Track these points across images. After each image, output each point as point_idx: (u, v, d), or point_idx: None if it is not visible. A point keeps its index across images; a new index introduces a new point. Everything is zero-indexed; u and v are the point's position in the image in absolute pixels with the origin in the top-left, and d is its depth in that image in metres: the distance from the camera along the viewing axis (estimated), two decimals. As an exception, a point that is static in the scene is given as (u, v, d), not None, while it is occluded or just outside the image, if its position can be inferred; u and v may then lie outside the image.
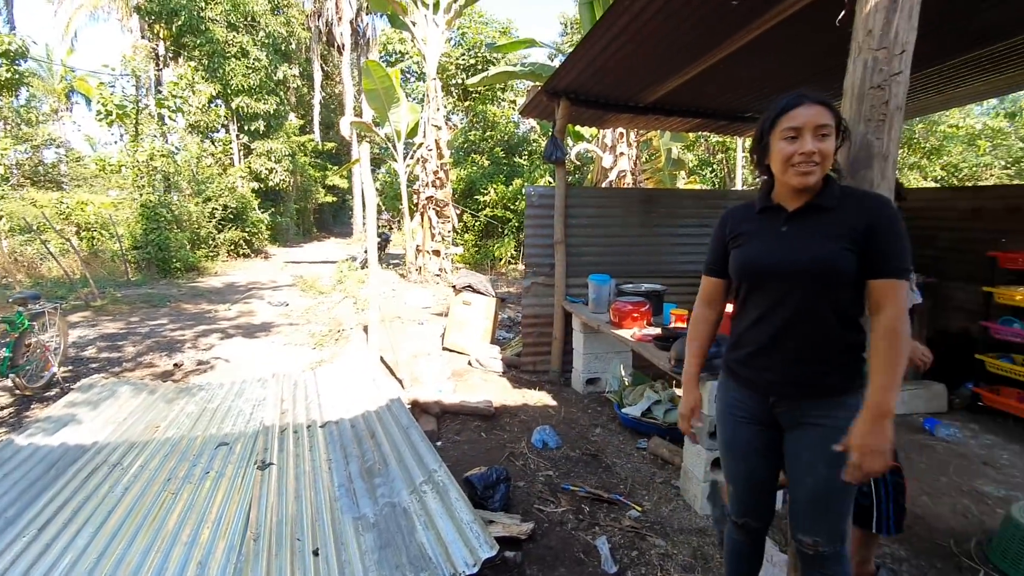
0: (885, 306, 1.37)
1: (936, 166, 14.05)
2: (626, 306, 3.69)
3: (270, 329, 7.02)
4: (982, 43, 3.31)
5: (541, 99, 4.56)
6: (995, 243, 4.25)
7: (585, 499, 2.80)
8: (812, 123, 1.38)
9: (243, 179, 17.07)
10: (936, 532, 2.61)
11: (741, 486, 1.69)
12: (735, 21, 3.00)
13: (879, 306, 1.39)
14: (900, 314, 1.35)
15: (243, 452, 3.17)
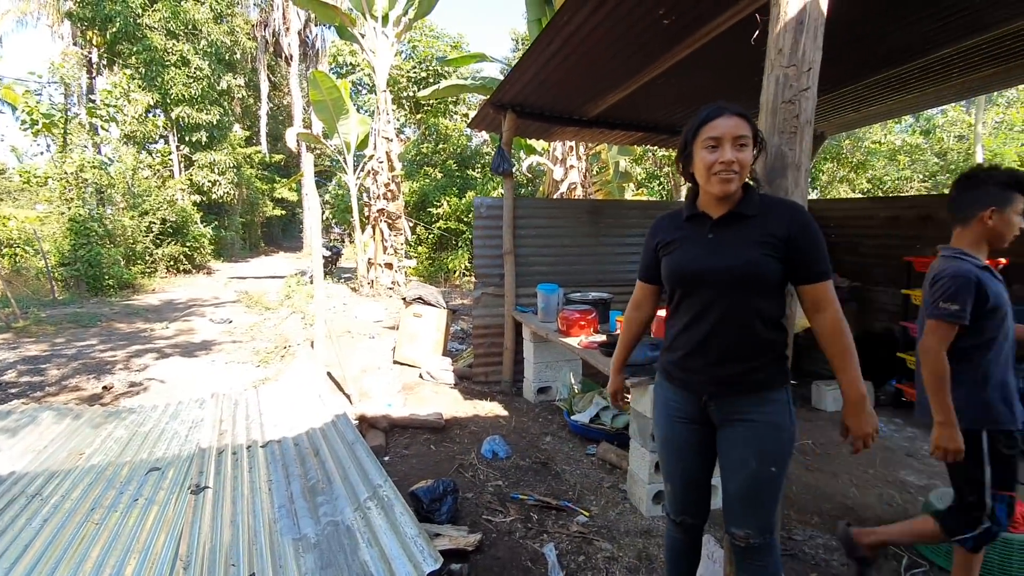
0: (824, 307, 1.50)
1: (863, 179, 15.05)
2: (573, 314, 3.75)
3: (211, 347, 6.72)
4: (888, 65, 3.60)
5: (488, 111, 4.62)
6: (911, 249, 4.59)
7: (534, 507, 2.80)
8: (731, 134, 1.46)
9: (184, 192, 16.38)
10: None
11: (678, 484, 1.74)
12: (666, 40, 3.14)
13: (818, 308, 1.51)
14: (839, 311, 1.50)
15: (176, 477, 3.01)
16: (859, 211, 5.32)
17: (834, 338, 1.50)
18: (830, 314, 1.49)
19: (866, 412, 1.50)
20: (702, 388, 1.60)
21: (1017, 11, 2.84)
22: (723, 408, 1.58)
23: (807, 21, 1.68)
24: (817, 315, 1.51)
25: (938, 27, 3.03)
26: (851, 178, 14.92)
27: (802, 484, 3.15)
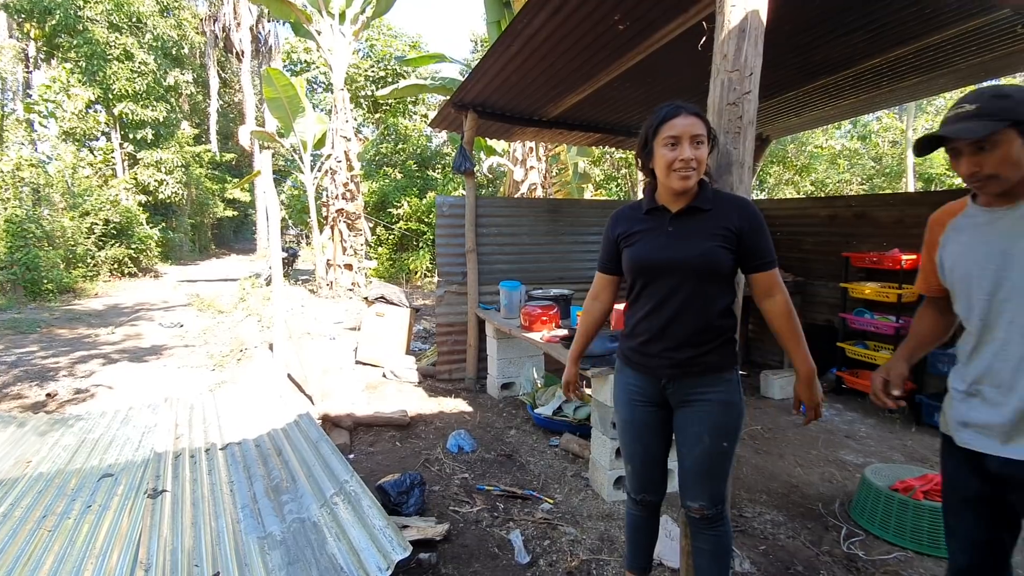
0: (774, 292, 1.65)
1: (807, 181, 15.86)
2: (536, 310, 3.83)
3: (162, 352, 6.48)
4: (825, 73, 3.85)
5: (449, 111, 4.66)
6: (848, 245, 4.91)
7: (500, 497, 2.87)
8: (689, 132, 1.57)
9: (128, 191, 15.62)
10: (808, 498, 2.95)
11: (639, 463, 1.84)
12: (621, 45, 3.27)
13: (769, 293, 1.66)
14: (787, 295, 1.66)
15: (131, 482, 2.92)
16: (801, 210, 5.64)
17: (784, 319, 1.64)
18: (780, 298, 1.64)
19: (815, 384, 1.67)
20: (661, 372, 1.70)
21: (934, 26, 3.10)
22: (680, 390, 1.69)
23: (748, 29, 1.81)
24: (768, 299, 1.65)
25: (867, 39, 3.28)
26: (796, 180, 15.70)
27: (752, 466, 3.34)
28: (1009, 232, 1.30)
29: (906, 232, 4.49)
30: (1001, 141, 1.23)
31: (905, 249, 4.31)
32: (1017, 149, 1.23)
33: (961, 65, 3.68)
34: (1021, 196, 1.28)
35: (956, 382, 1.45)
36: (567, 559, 2.33)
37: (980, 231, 1.35)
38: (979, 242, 1.35)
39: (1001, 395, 1.30)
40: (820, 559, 2.39)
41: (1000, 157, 1.23)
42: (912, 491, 2.53)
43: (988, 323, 1.34)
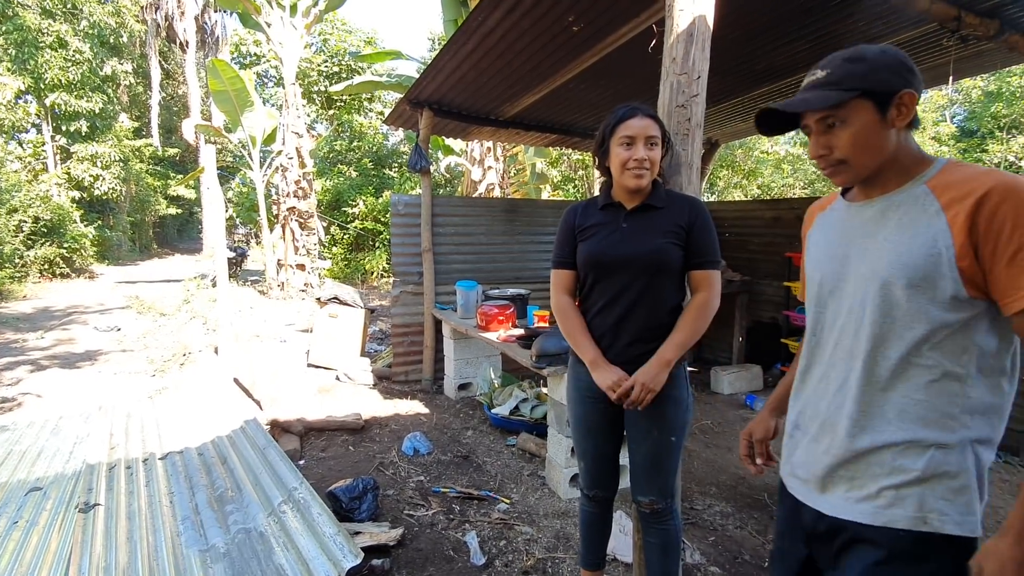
0: (702, 289, 1.68)
1: (754, 185, 16.52)
2: (492, 309, 3.82)
3: (96, 358, 6.09)
4: (769, 80, 4.01)
5: (405, 108, 4.59)
6: (791, 246, 5.13)
7: (456, 499, 2.84)
8: (643, 133, 1.61)
9: (60, 187, 14.64)
10: (755, 488, 3.06)
11: (591, 459, 1.85)
12: (576, 47, 3.30)
13: (697, 289, 1.69)
14: (712, 296, 1.66)
15: (61, 496, 2.72)
16: (748, 212, 5.86)
17: (691, 309, 1.66)
18: (703, 295, 1.66)
19: (659, 371, 1.58)
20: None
21: (868, 37, 3.28)
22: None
23: (696, 34, 1.86)
24: (695, 294, 1.70)
25: (808, 48, 3.44)
26: (744, 184, 16.32)
27: (702, 459, 3.44)
28: (855, 233, 1.06)
29: (844, 233, 4.73)
30: (850, 117, 0.98)
31: (843, 249, 4.53)
32: (870, 127, 0.97)
33: (892, 76, 3.90)
34: (885, 189, 1.02)
35: (789, 413, 1.20)
36: (523, 558, 2.33)
37: (834, 230, 1.12)
38: (828, 243, 1.13)
39: (821, 434, 1.07)
40: (766, 547, 2.47)
41: (849, 137, 0.98)
42: (849, 479, 2.66)
43: (819, 342, 1.11)
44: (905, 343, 0.96)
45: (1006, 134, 14.75)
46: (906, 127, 1.00)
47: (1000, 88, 14.86)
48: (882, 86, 0.96)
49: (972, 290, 0.91)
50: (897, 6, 2.72)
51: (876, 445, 0.98)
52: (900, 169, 1.00)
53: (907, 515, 0.94)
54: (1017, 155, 14.04)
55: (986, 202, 0.88)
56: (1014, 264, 0.87)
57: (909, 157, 1.01)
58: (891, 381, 0.97)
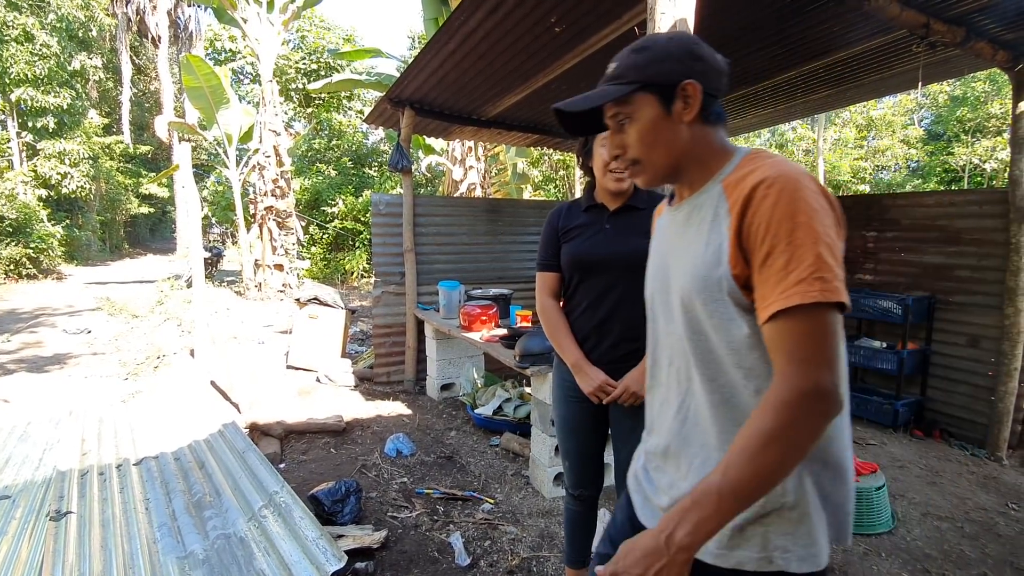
0: None
1: (730, 186, 16.75)
2: (475, 310, 3.81)
3: (65, 361, 5.91)
4: (746, 83, 4.09)
5: (386, 107, 4.55)
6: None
7: (440, 500, 2.83)
8: None
9: (26, 185, 14.16)
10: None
11: (576, 458, 1.87)
12: (558, 47, 3.32)
13: None
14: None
15: (31, 504, 2.64)
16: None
17: None
18: None
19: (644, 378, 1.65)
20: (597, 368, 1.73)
21: (841, 43, 3.37)
22: None
23: (677, 37, 1.88)
24: None
25: (783, 52, 3.51)
26: (721, 184, 16.57)
27: (684, 457, 3.48)
28: (672, 242, 0.97)
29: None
30: (636, 112, 0.90)
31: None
32: (655, 123, 0.89)
33: (865, 80, 4.01)
34: (691, 190, 0.93)
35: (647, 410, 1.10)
36: (508, 558, 2.33)
37: (659, 238, 1.05)
38: (655, 253, 1.06)
39: (664, 463, 0.98)
40: (746, 542, 2.52)
41: (636, 134, 0.91)
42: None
43: (655, 361, 1.03)
44: (716, 363, 0.86)
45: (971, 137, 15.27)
46: (703, 121, 0.90)
47: (965, 93, 15.37)
48: (662, 77, 0.87)
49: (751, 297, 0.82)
50: (869, 13, 2.80)
51: None
52: (701, 166, 0.91)
53: (753, 556, 0.85)
54: (981, 157, 14.55)
55: (751, 201, 0.78)
56: (764, 269, 0.77)
57: (709, 152, 0.91)
58: (717, 406, 0.87)
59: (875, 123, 16.75)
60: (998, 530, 2.63)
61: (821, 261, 0.73)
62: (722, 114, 0.93)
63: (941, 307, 3.95)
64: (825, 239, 0.74)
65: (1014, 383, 3.50)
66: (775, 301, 0.74)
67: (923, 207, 4.09)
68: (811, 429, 0.72)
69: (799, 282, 0.72)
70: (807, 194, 0.76)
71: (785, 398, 0.72)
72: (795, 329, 0.74)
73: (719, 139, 0.92)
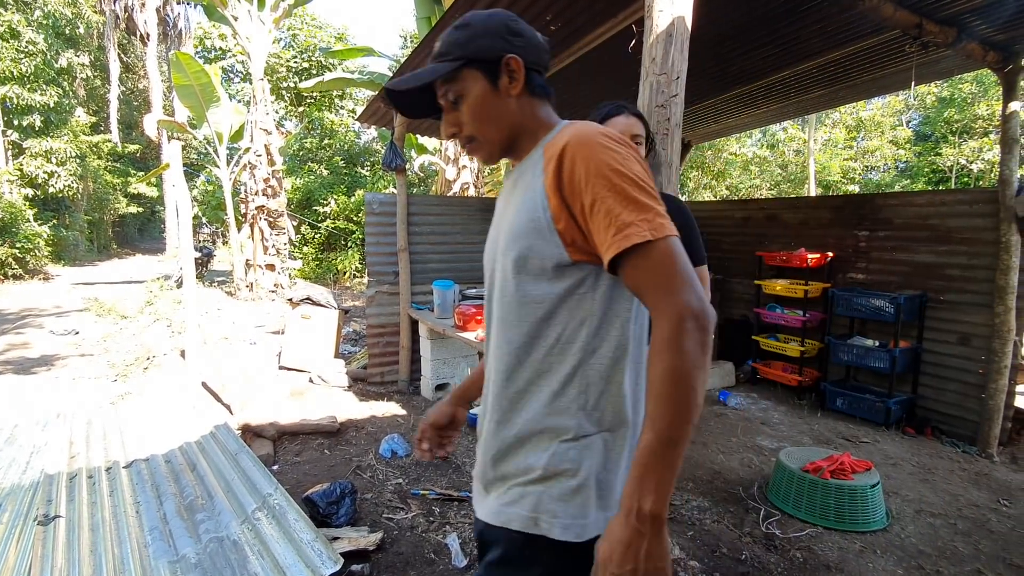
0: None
1: (723, 186, 16.89)
2: (470, 309, 3.80)
3: (53, 363, 5.82)
4: (740, 83, 4.10)
5: (379, 105, 4.52)
6: (760, 244, 5.26)
7: (436, 501, 2.81)
8: (629, 132, 1.61)
9: (12, 184, 13.95)
10: (730, 483, 3.12)
11: None
12: (554, 46, 3.30)
13: None
14: (706, 291, 1.67)
15: (17, 509, 2.59)
16: (719, 212, 5.98)
17: None
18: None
19: None
20: None
21: (835, 43, 3.38)
22: None
23: (675, 35, 1.88)
24: None
25: (777, 52, 3.53)
26: (713, 185, 16.67)
27: (679, 456, 3.48)
28: (501, 211, 1.00)
29: (809, 233, 4.88)
30: (464, 89, 0.91)
31: (810, 248, 4.67)
32: (484, 98, 0.90)
33: (858, 80, 4.04)
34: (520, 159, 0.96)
35: None
36: (505, 559, 2.32)
37: (496, 210, 1.05)
38: (492, 224, 1.05)
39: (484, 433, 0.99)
40: (743, 540, 2.52)
41: (468, 111, 0.92)
42: (820, 471, 2.74)
43: (489, 333, 1.00)
44: (526, 323, 0.88)
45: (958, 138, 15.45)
46: (530, 94, 0.93)
47: (952, 94, 15.54)
48: (484, 52, 0.89)
49: (576, 253, 0.85)
50: (863, 13, 2.81)
51: (511, 441, 0.90)
52: (531, 138, 0.94)
53: (522, 514, 0.87)
54: (969, 158, 14.72)
55: (564, 158, 0.82)
56: (595, 216, 0.80)
57: (537, 124, 0.95)
58: (518, 368, 0.90)
59: (864, 124, 16.89)
60: (990, 526, 2.65)
61: (640, 203, 0.78)
62: (547, 88, 0.96)
63: (932, 305, 3.99)
64: (639, 182, 0.79)
65: (1004, 381, 3.53)
66: (611, 245, 0.78)
67: (914, 206, 4.12)
68: (701, 345, 0.75)
69: (628, 225, 0.77)
70: (612, 144, 0.81)
71: (668, 332, 0.74)
72: (644, 266, 0.77)
73: (546, 112, 0.96)
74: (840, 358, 4.31)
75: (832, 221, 4.70)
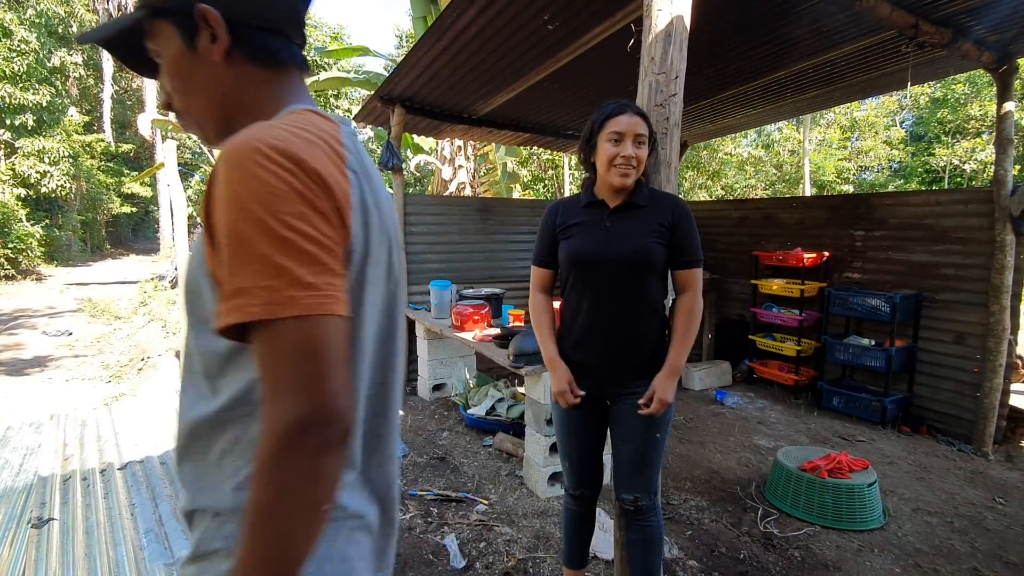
0: (687, 289, 1.69)
1: (718, 186, 16.94)
2: (467, 309, 3.79)
3: (46, 363, 5.78)
4: (736, 83, 4.10)
5: (376, 105, 4.50)
6: (757, 244, 5.27)
7: (433, 502, 2.80)
8: (632, 131, 1.60)
9: (4, 184, 13.84)
10: (728, 482, 3.12)
11: (576, 460, 1.85)
12: (551, 45, 3.30)
13: (683, 289, 1.70)
14: (697, 295, 1.68)
15: (11, 511, 2.57)
16: (716, 212, 5.98)
17: (683, 314, 1.67)
18: (688, 295, 1.68)
19: (673, 383, 1.65)
20: (599, 371, 1.72)
21: (830, 43, 3.39)
22: (617, 386, 1.72)
23: (674, 34, 1.87)
24: (681, 295, 1.71)
25: (774, 52, 3.53)
26: (708, 185, 16.72)
27: (676, 455, 3.49)
28: None
29: (805, 232, 4.89)
30: (162, 49, 0.71)
31: (806, 248, 4.68)
32: (179, 60, 0.69)
33: (853, 80, 4.05)
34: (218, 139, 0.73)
35: None
36: (503, 560, 2.31)
37: None
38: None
39: None
40: (741, 540, 2.52)
41: (166, 75, 0.72)
42: (818, 470, 2.74)
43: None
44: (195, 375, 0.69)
45: (951, 139, 15.55)
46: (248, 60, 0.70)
47: (946, 95, 15.64)
48: (171, 2, 0.67)
49: None
50: (860, 13, 2.82)
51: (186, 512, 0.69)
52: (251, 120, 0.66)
53: None
54: (962, 159, 14.82)
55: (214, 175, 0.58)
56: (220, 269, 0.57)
57: (258, 101, 0.71)
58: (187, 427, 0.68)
59: (858, 124, 16.98)
60: (987, 524, 2.67)
61: (270, 263, 0.54)
62: (281, 53, 0.72)
63: (928, 305, 4.00)
64: (284, 232, 0.54)
65: (999, 379, 3.55)
66: (218, 315, 0.56)
67: (910, 206, 4.14)
68: (310, 475, 0.54)
69: (240, 293, 0.54)
70: (271, 168, 0.55)
71: (264, 451, 0.54)
72: (257, 351, 0.56)
73: (276, 89, 0.72)
74: (836, 357, 4.32)
75: (828, 221, 4.72)
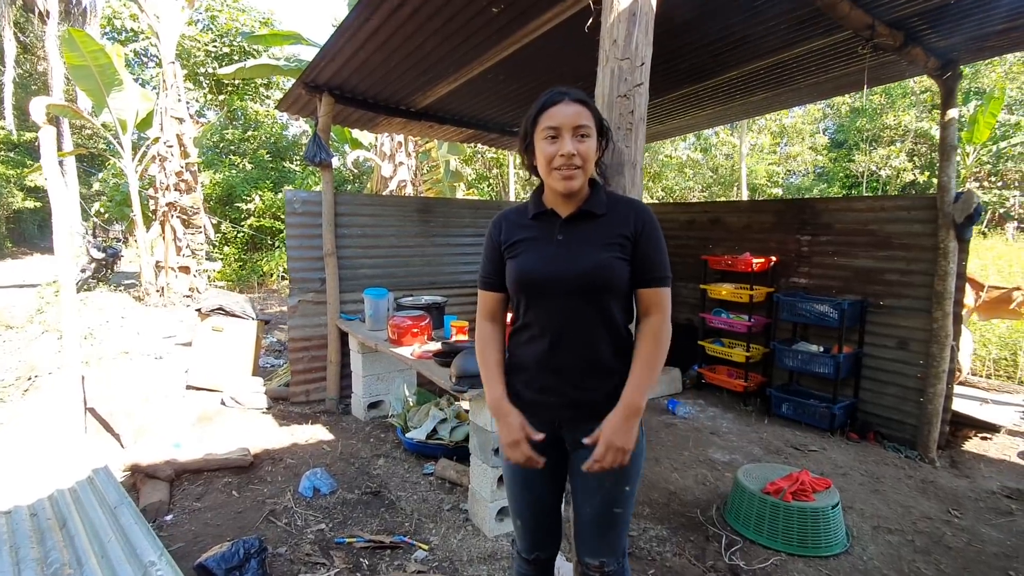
0: (653, 312, 1.38)
1: (658, 188, 17.24)
2: (405, 321, 3.42)
3: (-97, 387, 4.88)
4: (689, 82, 3.95)
5: (300, 92, 4.04)
6: (705, 248, 5.19)
7: (364, 550, 2.43)
8: (571, 123, 1.29)
9: None
10: (687, 505, 2.93)
11: (528, 517, 1.54)
12: (496, 32, 2.99)
13: (647, 312, 1.39)
14: (665, 320, 1.37)
15: None
16: (663, 215, 5.87)
17: (647, 341, 1.37)
18: (656, 319, 1.38)
19: (631, 425, 1.32)
20: (556, 412, 1.42)
21: (785, 42, 3.28)
22: (577, 430, 1.40)
23: (639, 14, 1.61)
24: (645, 318, 1.40)
25: (729, 50, 3.38)
26: (649, 186, 16.97)
27: (632, 476, 3.27)
28: None
29: (752, 236, 4.84)
30: None
31: (754, 253, 4.63)
32: None
33: (802, 83, 3.99)
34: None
35: None
36: (445, 623, 1.99)
37: None
38: None
39: None
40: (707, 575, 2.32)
41: None
42: (782, 493, 2.59)
43: None
44: None
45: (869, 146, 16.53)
46: None
47: (864, 106, 16.59)
48: None
49: None
50: (820, 10, 2.69)
51: None
52: None
53: None
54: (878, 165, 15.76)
55: None
56: None
57: None
58: None
59: (787, 130, 17.74)
60: (947, 542, 2.60)
61: None
62: None
63: (872, 310, 4.01)
64: None
65: (942, 385, 3.57)
66: None
67: (855, 212, 4.14)
68: None
69: None
70: None
71: None
72: None
73: None
74: (785, 364, 4.28)
75: (775, 225, 4.68)
